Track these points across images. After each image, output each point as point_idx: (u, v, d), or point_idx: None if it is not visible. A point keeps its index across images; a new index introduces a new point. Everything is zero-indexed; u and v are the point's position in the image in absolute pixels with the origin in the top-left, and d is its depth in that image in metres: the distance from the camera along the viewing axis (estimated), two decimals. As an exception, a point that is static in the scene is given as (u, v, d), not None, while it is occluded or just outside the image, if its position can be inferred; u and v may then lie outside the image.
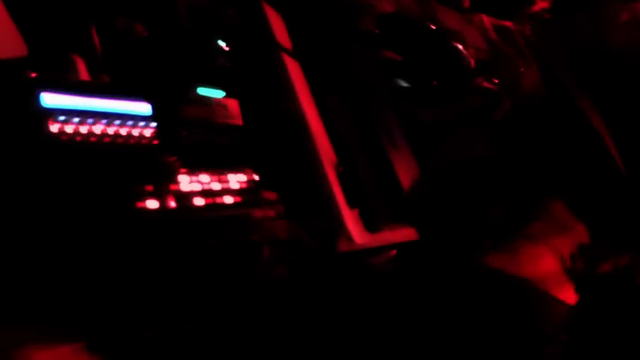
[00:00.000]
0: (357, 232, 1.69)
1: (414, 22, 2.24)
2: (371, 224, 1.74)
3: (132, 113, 1.42)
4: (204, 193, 1.52)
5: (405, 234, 1.86)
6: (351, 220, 1.70)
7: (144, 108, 1.45)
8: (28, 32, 1.38)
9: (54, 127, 1.27)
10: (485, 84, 2.38)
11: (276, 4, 1.82)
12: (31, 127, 1.26)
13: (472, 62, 2.29)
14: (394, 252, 2.02)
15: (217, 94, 1.68)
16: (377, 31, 2.04)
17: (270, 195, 1.69)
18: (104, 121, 1.36)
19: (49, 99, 1.28)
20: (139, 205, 1.38)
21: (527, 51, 3.01)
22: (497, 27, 3.13)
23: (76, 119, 1.31)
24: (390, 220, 1.80)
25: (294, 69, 1.78)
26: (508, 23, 3.21)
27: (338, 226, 1.70)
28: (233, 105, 1.67)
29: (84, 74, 1.47)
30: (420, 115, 2.02)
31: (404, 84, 2.04)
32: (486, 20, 3.16)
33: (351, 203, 1.73)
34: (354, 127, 1.85)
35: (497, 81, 2.46)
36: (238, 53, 1.77)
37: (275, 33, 1.78)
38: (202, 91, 1.66)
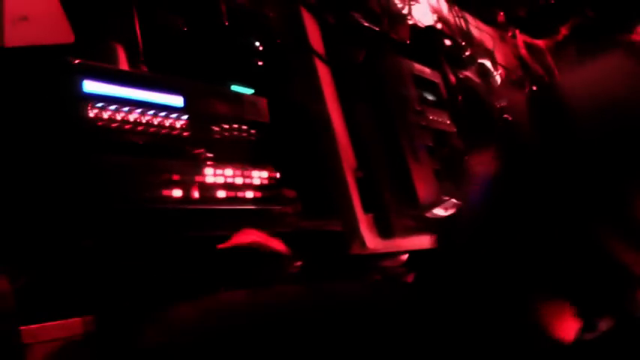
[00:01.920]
0: (369, 237, 1.75)
1: (443, 36, 2.29)
2: (384, 230, 1.80)
3: (165, 104, 1.50)
4: (227, 186, 1.58)
5: (417, 242, 1.92)
6: (365, 224, 1.76)
7: (176, 100, 1.52)
8: (75, 20, 1.46)
9: (92, 113, 1.35)
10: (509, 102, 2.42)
11: (314, 10, 1.88)
12: (71, 110, 1.34)
13: (498, 80, 2.34)
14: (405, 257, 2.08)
15: (247, 91, 1.74)
16: (408, 42, 2.10)
17: (290, 193, 1.76)
18: (139, 110, 1.43)
19: (90, 86, 1.36)
20: (165, 192, 1.45)
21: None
22: (528, 45, 3.17)
23: (113, 106, 1.39)
24: (404, 227, 1.86)
25: (324, 73, 1.84)
26: (540, 42, 3.25)
27: (352, 230, 1.76)
28: (262, 103, 1.74)
29: (124, 63, 1.54)
30: (441, 124, 2.07)
31: (431, 97, 2.10)
32: (519, 37, 3.20)
33: (367, 208, 1.79)
34: (378, 135, 1.91)
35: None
36: (272, 54, 1.84)
37: (310, 37, 1.84)
38: (234, 87, 1.73)
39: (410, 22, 2.29)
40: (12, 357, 1.20)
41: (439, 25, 2.48)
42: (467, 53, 2.30)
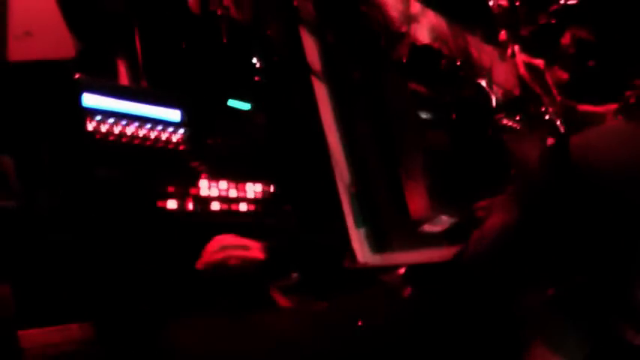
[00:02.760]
0: (360, 251, 1.79)
1: (441, 56, 2.33)
2: (377, 245, 1.83)
3: (162, 118, 1.55)
4: (221, 199, 1.63)
5: (410, 257, 1.96)
6: (356, 239, 1.80)
7: (174, 114, 1.57)
8: (78, 34, 1.51)
9: (90, 126, 1.40)
10: (506, 121, 2.46)
11: (312, 28, 1.93)
12: (71, 123, 1.39)
13: (493, 100, 2.37)
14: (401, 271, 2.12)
15: (245, 106, 1.79)
16: (405, 60, 2.14)
17: (284, 206, 1.80)
18: (136, 123, 1.48)
19: (89, 99, 1.41)
20: (160, 204, 1.50)
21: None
22: (528, 65, 3.20)
23: (111, 120, 1.44)
24: (397, 242, 1.90)
25: (321, 91, 1.89)
26: (539, 62, 3.28)
27: (344, 244, 1.79)
28: (260, 119, 1.78)
29: (125, 78, 1.59)
30: (436, 143, 2.11)
31: (427, 115, 2.14)
32: (518, 57, 3.23)
33: (359, 223, 1.82)
34: (373, 151, 1.95)
35: (519, 118, 2.54)
36: (271, 70, 1.88)
37: (308, 55, 1.89)
38: (232, 103, 1.77)
39: (409, 41, 2.33)
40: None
41: (437, 44, 2.51)
42: (462, 73, 2.34)
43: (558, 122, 3.11)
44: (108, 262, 1.42)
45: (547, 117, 3.03)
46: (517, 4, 3.60)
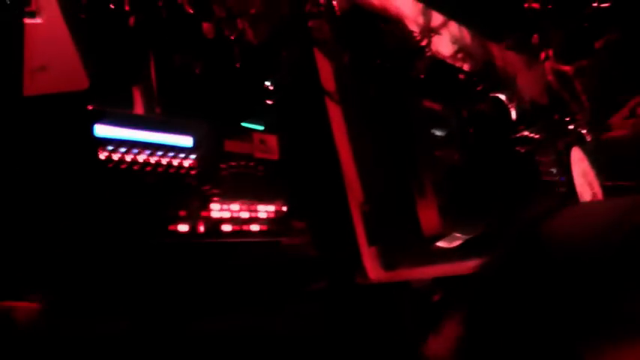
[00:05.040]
0: (372, 269, 1.83)
1: (458, 71, 2.35)
2: (388, 262, 1.87)
3: (174, 145, 1.60)
4: (233, 220, 1.68)
5: (422, 272, 1.99)
6: (368, 256, 1.84)
7: (186, 140, 1.63)
8: (92, 64, 1.58)
9: (102, 155, 1.46)
10: (528, 134, 2.46)
11: (327, 49, 1.97)
12: (83, 154, 1.45)
13: (513, 114, 2.38)
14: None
15: (257, 128, 1.84)
16: (422, 76, 2.16)
17: (298, 225, 1.85)
18: (148, 151, 1.54)
19: (101, 130, 1.47)
20: (171, 227, 1.56)
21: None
22: (556, 71, 3.19)
23: (123, 149, 1.50)
24: (408, 259, 1.93)
25: (335, 112, 1.93)
26: (567, 68, 3.27)
27: (356, 261, 1.84)
28: (272, 140, 1.83)
29: (139, 106, 1.66)
30: (451, 159, 2.13)
31: (442, 132, 2.16)
32: (547, 63, 3.22)
33: (371, 241, 1.86)
34: (385, 170, 1.98)
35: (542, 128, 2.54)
36: (284, 92, 1.93)
37: (322, 77, 1.93)
38: (244, 125, 1.83)
39: (428, 54, 2.35)
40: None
41: (459, 56, 2.53)
42: (480, 87, 2.35)
43: (585, 131, 3.10)
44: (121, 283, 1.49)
45: (572, 126, 3.03)
46: (549, 7, 3.59)
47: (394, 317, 2.13)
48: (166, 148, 1.58)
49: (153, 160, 1.55)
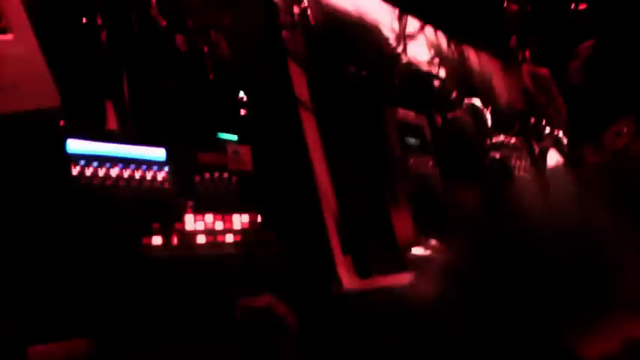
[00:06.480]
0: (346, 277, 1.85)
1: (433, 77, 2.37)
2: (363, 270, 1.89)
3: (147, 158, 1.62)
4: (207, 232, 1.70)
5: (396, 280, 2.01)
6: (342, 265, 1.86)
7: (159, 153, 1.64)
8: (65, 80, 1.58)
9: (75, 171, 1.48)
10: (503, 138, 2.49)
11: (301, 61, 1.99)
12: (56, 169, 1.47)
13: (488, 119, 2.41)
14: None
15: (231, 138, 1.86)
16: (397, 83, 2.19)
17: (271, 235, 1.86)
18: (120, 165, 1.56)
19: (74, 145, 1.49)
20: (145, 240, 1.57)
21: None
22: (533, 75, 3.21)
23: (95, 163, 1.51)
24: (382, 267, 1.95)
25: (309, 123, 1.95)
26: (545, 70, 3.29)
27: (331, 270, 1.86)
28: (245, 151, 1.85)
29: (112, 120, 1.67)
30: (425, 167, 2.15)
31: (415, 141, 2.18)
32: (526, 64, 3.24)
33: (346, 249, 1.88)
34: (359, 180, 2.00)
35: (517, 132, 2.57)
36: (258, 104, 1.95)
37: (296, 88, 1.95)
38: (221, 135, 1.84)
39: (404, 61, 2.38)
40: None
41: (435, 61, 2.55)
42: (455, 94, 2.37)
43: (560, 133, 3.12)
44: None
45: (548, 129, 3.05)
46: (528, 9, 3.62)
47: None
48: (139, 162, 1.59)
49: (126, 174, 1.57)
